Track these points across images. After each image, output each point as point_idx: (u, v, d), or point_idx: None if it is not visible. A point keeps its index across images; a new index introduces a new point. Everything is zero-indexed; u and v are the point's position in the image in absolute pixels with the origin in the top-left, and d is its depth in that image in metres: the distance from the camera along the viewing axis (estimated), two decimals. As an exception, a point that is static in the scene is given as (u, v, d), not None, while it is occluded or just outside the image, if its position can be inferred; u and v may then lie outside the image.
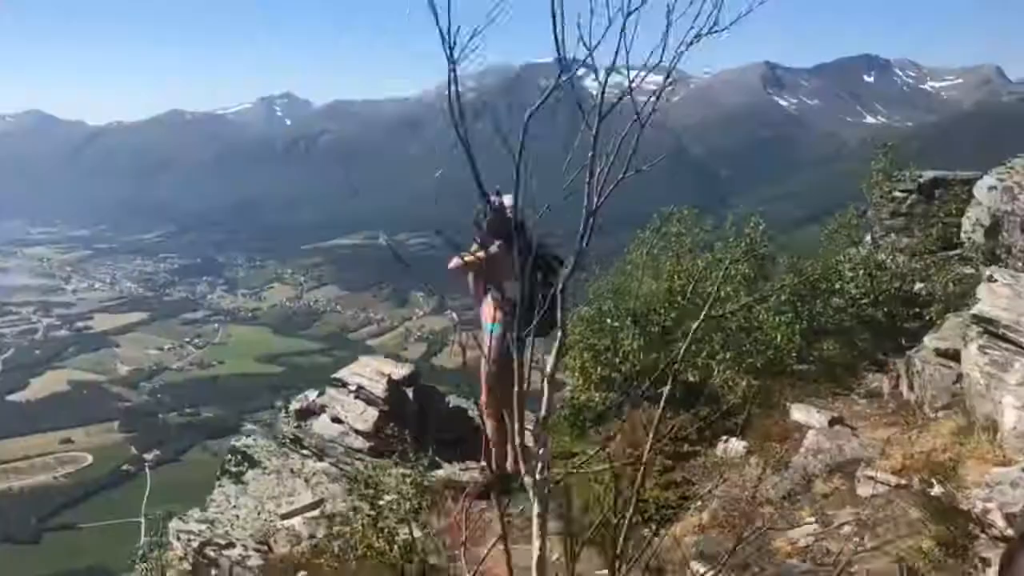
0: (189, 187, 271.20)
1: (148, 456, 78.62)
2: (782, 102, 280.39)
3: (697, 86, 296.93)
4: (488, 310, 6.38)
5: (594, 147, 2.62)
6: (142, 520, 30.97)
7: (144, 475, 75.65)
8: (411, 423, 8.12)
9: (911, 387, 7.04)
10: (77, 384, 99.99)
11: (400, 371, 8.50)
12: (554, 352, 2.91)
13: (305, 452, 8.05)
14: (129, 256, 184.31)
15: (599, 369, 7.89)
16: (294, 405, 8.84)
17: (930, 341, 6.74)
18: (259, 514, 7.34)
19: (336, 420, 8.30)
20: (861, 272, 9.18)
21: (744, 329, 8.01)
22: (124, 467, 77.83)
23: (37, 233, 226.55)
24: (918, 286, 9.18)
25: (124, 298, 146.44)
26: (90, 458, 79.47)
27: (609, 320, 7.92)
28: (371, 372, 8.49)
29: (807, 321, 8.90)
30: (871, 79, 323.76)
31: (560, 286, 5.76)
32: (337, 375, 8.82)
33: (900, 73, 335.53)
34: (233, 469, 8.21)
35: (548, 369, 5.66)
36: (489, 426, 6.43)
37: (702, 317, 7.63)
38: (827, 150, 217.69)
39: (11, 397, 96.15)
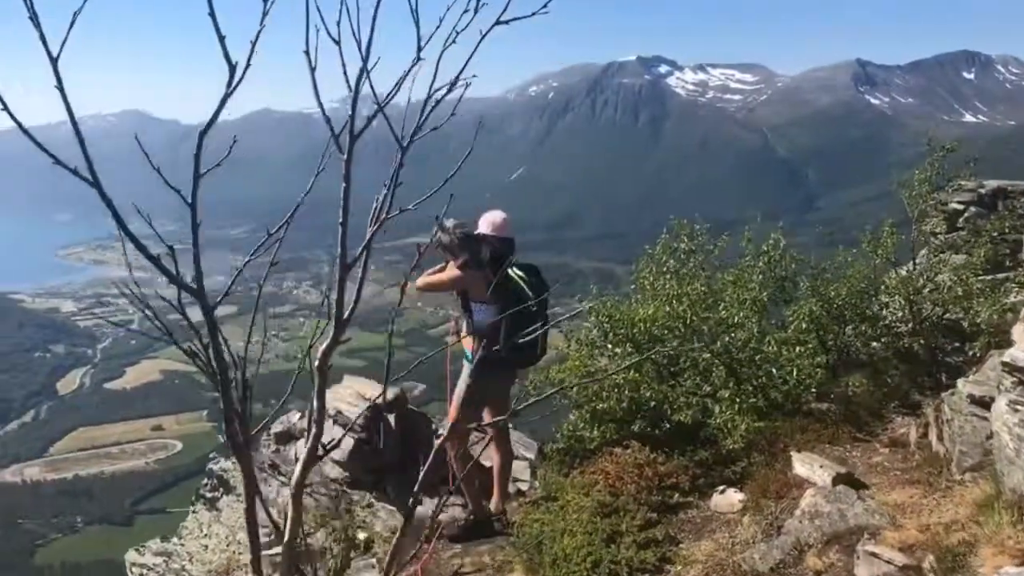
0: (277, 184, 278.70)
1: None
2: (874, 101, 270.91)
3: (785, 85, 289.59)
4: (469, 338, 5.83)
5: (346, 176, 2.02)
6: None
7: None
8: (392, 452, 7.56)
9: (940, 438, 5.78)
10: (169, 374, 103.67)
11: (383, 396, 7.84)
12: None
13: (283, 479, 7.46)
14: (220, 250, 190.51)
15: (598, 401, 6.96)
16: (275, 427, 8.21)
17: (964, 385, 5.50)
18: (228, 545, 6.97)
19: None
20: (898, 297, 7.85)
21: (753, 362, 6.97)
22: (211, 455, 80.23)
23: (135, 227, 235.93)
24: (960, 314, 7.81)
25: (215, 291, 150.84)
26: (179, 445, 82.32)
27: (610, 346, 7.21)
28: (351, 396, 7.90)
29: (837, 352, 7.84)
30: (971, 76, 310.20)
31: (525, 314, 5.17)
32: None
33: (1002, 70, 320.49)
34: (208, 495, 7.77)
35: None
36: (456, 462, 5.86)
37: (685, 348, 6.84)
38: (922, 150, 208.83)
39: (108, 385, 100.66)
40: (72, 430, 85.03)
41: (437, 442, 5.40)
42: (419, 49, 1.93)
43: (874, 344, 7.94)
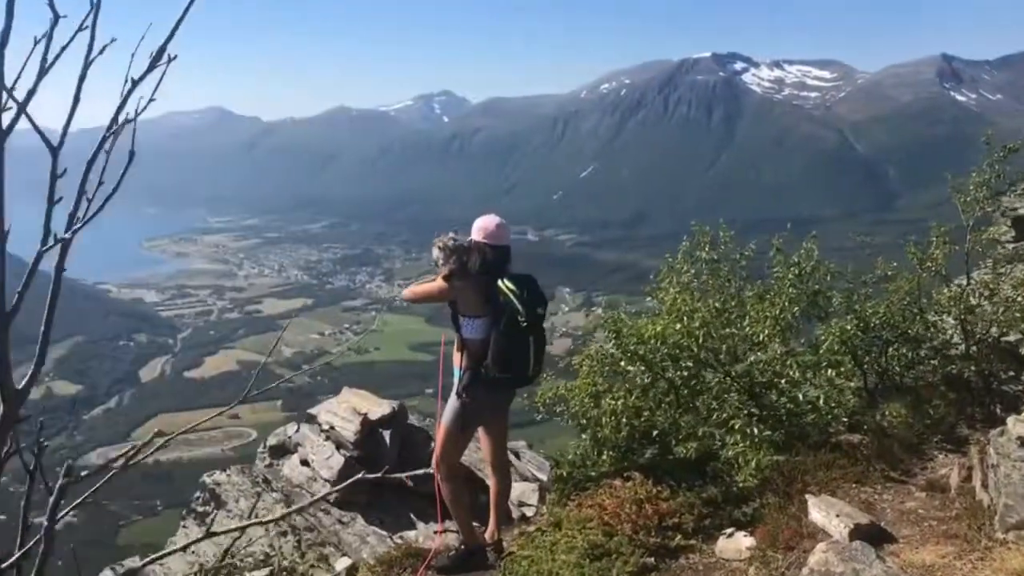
0: (352, 181, 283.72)
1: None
2: (960, 97, 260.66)
3: (866, 81, 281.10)
4: (459, 354, 5.33)
5: None
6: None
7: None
8: (385, 471, 7.15)
9: (985, 485, 4.88)
10: (245, 364, 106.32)
11: (378, 410, 7.26)
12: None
13: (276, 495, 7.13)
14: (296, 245, 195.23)
15: (597, 427, 6.37)
16: (271, 440, 7.82)
17: (1014, 425, 4.72)
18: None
19: (305, 463, 7.29)
20: (948, 316, 6.98)
21: (775, 387, 6.19)
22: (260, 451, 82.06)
23: (215, 222, 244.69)
24: (1022, 336, 6.91)
25: (290, 285, 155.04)
26: (254, 434, 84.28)
27: (623, 363, 6.43)
28: (346, 410, 7.37)
29: (878, 376, 6.96)
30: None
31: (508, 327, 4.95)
32: (313, 409, 7.69)
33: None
34: (199, 509, 7.48)
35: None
36: (445, 488, 5.36)
37: (689, 369, 6.27)
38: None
39: (187, 374, 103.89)
40: (153, 416, 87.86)
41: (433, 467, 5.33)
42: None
43: (919, 367, 7.02)
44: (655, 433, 6.24)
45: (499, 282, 5.00)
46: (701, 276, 7.13)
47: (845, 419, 6.39)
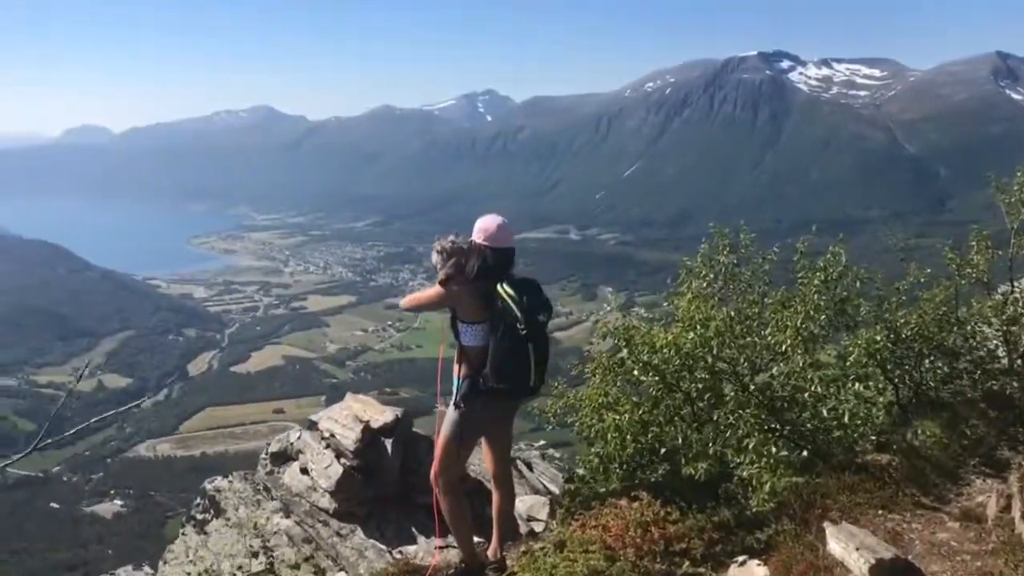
0: (396, 179, 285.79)
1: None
2: (1015, 96, 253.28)
3: (917, 79, 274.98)
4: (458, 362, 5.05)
5: None
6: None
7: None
8: (388, 482, 6.74)
9: None
10: (291, 359, 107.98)
11: (381, 418, 6.90)
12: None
13: (276, 503, 6.86)
14: (341, 243, 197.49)
15: (610, 440, 5.95)
16: (272, 446, 7.55)
17: None
18: (209, 576, 6.32)
19: (305, 471, 7.02)
20: (989, 327, 6.52)
21: (795, 402, 5.74)
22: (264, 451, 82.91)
23: (261, 219, 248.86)
24: None
25: (335, 282, 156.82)
26: (297, 428, 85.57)
27: (636, 372, 5.98)
28: (347, 417, 7.02)
29: (910, 391, 6.50)
30: None
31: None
32: (315, 416, 7.40)
33: None
34: (199, 516, 7.21)
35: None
36: (444, 504, 5.05)
37: (698, 381, 5.72)
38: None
39: (233, 368, 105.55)
40: (201, 410, 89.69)
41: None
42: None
43: (956, 382, 6.53)
44: (663, 450, 5.86)
45: (498, 287, 4.69)
46: (720, 281, 6.76)
47: (873, 437, 5.91)
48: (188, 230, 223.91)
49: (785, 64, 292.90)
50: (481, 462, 5.98)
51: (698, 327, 5.73)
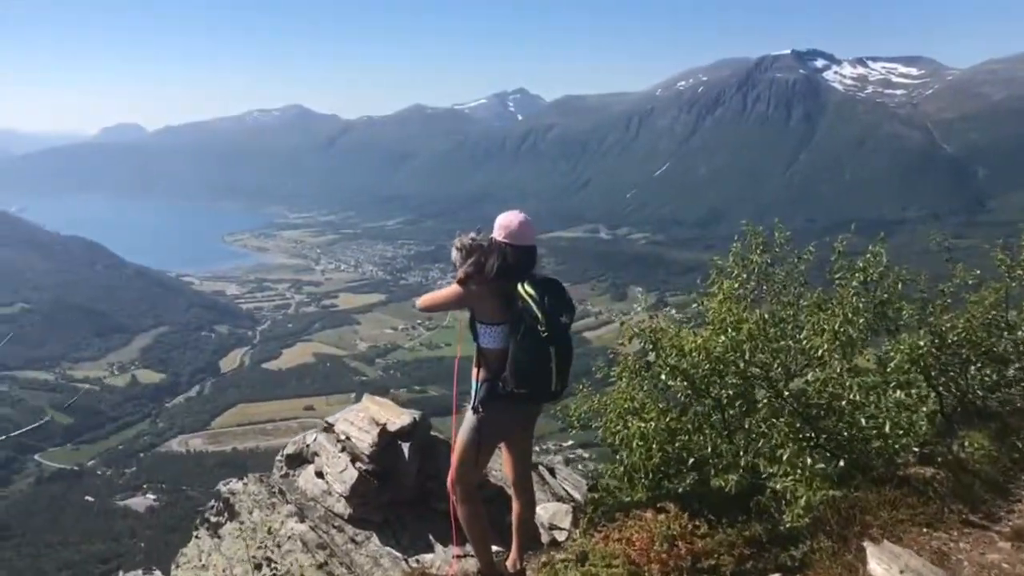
0: (427, 178, 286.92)
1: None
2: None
3: (956, 78, 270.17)
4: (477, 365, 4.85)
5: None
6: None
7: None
8: (405, 487, 6.52)
9: None
10: (321, 356, 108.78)
11: (398, 421, 6.70)
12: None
13: (290, 507, 6.67)
14: (372, 241, 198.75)
15: (635, 449, 5.64)
16: (288, 448, 7.34)
17: None
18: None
19: (320, 475, 6.80)
20: None
21: (832, 410, 5.31)
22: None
23: (294, 217, 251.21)
24: None
25: (366, 280, 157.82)
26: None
27: (663, 376, 5.65)
28: (363, 420, 6.80)
29: (956, 400, 6.14)
30: None
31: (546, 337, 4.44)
32: (331, 418, 7.19)
33: None
34: (212, 519, 7.06)
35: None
36: (461, 512, 4.89)
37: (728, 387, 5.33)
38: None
39: (265, 365, 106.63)
40: (232, 406, 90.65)
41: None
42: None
43: (1005, 391, 6.14)
44: (692, 461, 5.53)
45: (519, 286, 4.49)
46: (753, 282, 6.36)
47: (916, 449, 5.51)
48: (222, 228, 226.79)
49: (819, 63, 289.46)
50: (501, 467, 5.78)
51: (730, 330, 5.41)
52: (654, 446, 5.51)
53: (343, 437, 6.70)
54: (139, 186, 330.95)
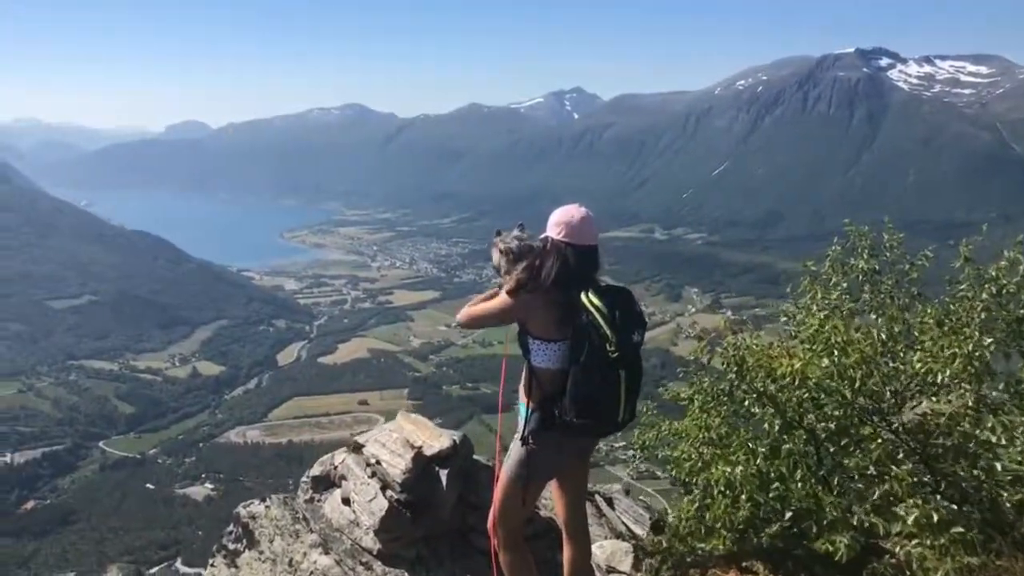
0: (482, 177, 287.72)
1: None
2: None
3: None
4: (526, 386, 4.09)
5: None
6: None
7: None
8: (441, 520, 5.67)
9: None
10: (376, 352, 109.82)
11: (436, 444, 5.79)
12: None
13: (313, 537, 5.95)
14: (426, 239, 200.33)
15: (718, 501, 4.71)
16: (314, 469, 6.50)
17: None
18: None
19: (347, 502, 6.01)
20: None
21: (963, 453, 4.27)
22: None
23: (351, 214, 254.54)
24: None
25: (420, 277, 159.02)
26: (382, 420, 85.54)
27: (747, 402, 4.87)
28: (396, 441, 5.93)
29: None
30: None
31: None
32: (362, 436, 6.33)
33: None
34: (230, 546, 6.42)
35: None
36: (504, 559, 4.26)
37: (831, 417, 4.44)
38: None
39: (321, 359, 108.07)
40: (289, 399, 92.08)
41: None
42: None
43: None
44: (789, 514, 4.52)
45: (582, 296, 3.77)
46: (865, 291, 5.37)
47: None
48: (281, 224, 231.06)
49: (884, 62, 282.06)
50: (551, 497, 4.96)
51: (835, 352, 4.42)
52: (743, 496, 4.53)
53: (373, 461, 5.91)
54: (202, 182, 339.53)
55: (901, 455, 4.36)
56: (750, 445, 4.65)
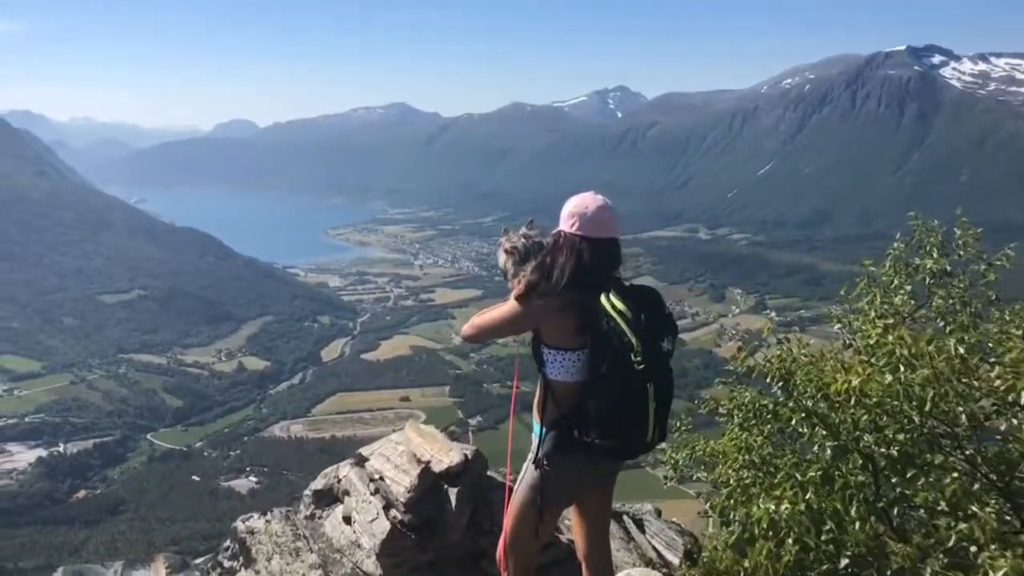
0: (525, 175, 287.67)
1: (471, 421, 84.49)
2: None
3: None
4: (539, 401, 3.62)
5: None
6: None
7: (466, 437, 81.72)
8: (450, 543, 5.08)
9: None
10: (418, 349, 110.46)
11: (445, 459, 5.17)
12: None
13: (313, 558, 5.41)
14: (468, 237, 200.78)
15: (759, 547, 3.83)
16: (316, 482, 6.00)
17: None
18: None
19: (348, 520, 5.47)
20: None
21: None
22: (451, 428, 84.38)
23: (395, 213, 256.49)
24: None
25: (462, 276, 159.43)
26: (423, 416, 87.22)
27: (793, 421, 4.16)
28: (402, 455, 5.36)
29: None
30: None
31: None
32: (366, 449, 5.77)
33: None
34: (226, 563, 6.00)
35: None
36: None
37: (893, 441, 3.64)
38: None
39: (364, 356, 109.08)
40: (332, 394, 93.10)
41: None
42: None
43: None
44: (845, 562, 3.69)
45: (604, 298, 3.29)
46: (924, 295, 4.62)
47: None
48: (326, 222, 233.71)
49: (936, 59, 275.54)
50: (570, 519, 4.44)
51: (900, 367, 3.73)
52: (790, 539, 3.73)
53: (376, 476, 5.33)
54: (250, 180, 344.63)
55: (976, 487, 3.70)
56: (797, 476, 3.96)
